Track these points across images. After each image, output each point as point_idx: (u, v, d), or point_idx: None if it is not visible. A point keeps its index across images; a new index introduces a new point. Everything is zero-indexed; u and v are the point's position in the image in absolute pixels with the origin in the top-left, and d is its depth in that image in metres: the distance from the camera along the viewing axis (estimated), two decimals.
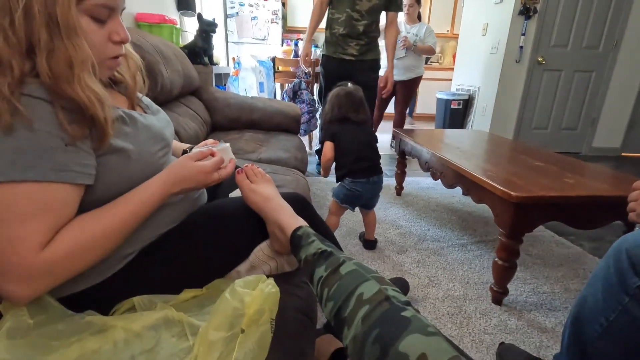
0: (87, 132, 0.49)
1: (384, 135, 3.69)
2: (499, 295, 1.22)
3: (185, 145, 0.88)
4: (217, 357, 0.43)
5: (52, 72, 0.45)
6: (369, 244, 1.59)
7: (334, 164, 1.47)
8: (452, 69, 4.50)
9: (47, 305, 0.48)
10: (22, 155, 0.44)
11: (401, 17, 3.02)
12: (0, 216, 0.43)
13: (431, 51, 3.10)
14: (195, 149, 0.81)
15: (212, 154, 0.64)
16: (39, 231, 0.45)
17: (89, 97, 0.47)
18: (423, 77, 3.23)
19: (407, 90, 3.16)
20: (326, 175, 1.55)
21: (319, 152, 2.20)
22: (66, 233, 0.47)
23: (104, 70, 0.56)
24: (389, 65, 2.29)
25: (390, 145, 3.66)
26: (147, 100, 0.71)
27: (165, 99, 1.59)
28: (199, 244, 0.62)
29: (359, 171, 1.41)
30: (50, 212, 0.46)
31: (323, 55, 2.25)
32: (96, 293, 0.55)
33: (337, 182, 1.50)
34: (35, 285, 0.45)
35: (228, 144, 0.71)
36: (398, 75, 2.99)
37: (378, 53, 2.22)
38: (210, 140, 0.86)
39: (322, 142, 1.50)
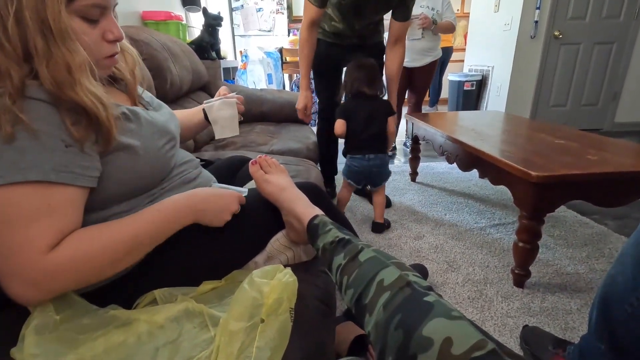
0: (92, 134, 0.49)
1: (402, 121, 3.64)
2: (520, 278, 1.20)
3: (202, 106, 0.91)
4: (238, 347, 0.43)
5: (55, 80, 0.45)
6: (376, 226, 1.58)
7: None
8: (463, 50, 4.37)
9: (72, 301, 0.49)
10: (23, 156, 0.43)
11: None
12: (5, 219, 0.43)
13: (452, 28, 2.50)
14: (215, 99, 0.91)
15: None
16: (44, 233, 0.44)
17: (91, 101, 0.47)
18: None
19: (425, 76, 2.59)
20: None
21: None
22: (74, 238, 0.47)
23: (101, 69, 0.55)
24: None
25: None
26: (148, 96, 0.71)
27: (175, 96, 1.60)
28: (216, 236, 0.63)
29: (356, 148, 1.49)
30: (54, 214, 0.45)
31: None
32: (118, 287, 0.56)
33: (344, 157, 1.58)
34: (42, 288, 0.45)
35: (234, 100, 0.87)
36: (414, 61, 2.48)
37: (382, 35, 1.74)
38: (223, 89, 0.93)
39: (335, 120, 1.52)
